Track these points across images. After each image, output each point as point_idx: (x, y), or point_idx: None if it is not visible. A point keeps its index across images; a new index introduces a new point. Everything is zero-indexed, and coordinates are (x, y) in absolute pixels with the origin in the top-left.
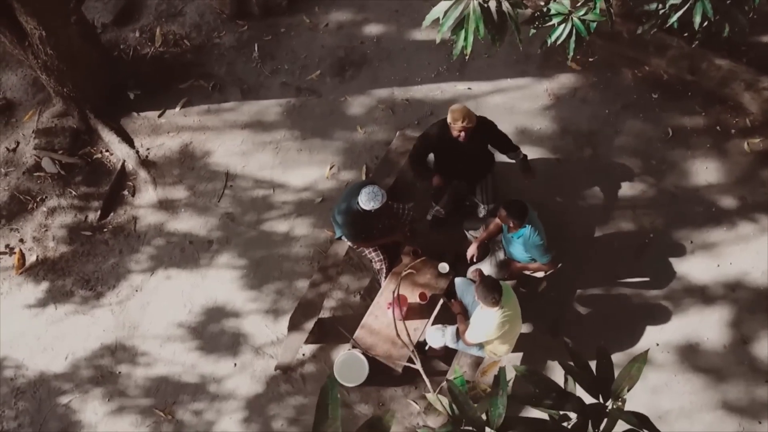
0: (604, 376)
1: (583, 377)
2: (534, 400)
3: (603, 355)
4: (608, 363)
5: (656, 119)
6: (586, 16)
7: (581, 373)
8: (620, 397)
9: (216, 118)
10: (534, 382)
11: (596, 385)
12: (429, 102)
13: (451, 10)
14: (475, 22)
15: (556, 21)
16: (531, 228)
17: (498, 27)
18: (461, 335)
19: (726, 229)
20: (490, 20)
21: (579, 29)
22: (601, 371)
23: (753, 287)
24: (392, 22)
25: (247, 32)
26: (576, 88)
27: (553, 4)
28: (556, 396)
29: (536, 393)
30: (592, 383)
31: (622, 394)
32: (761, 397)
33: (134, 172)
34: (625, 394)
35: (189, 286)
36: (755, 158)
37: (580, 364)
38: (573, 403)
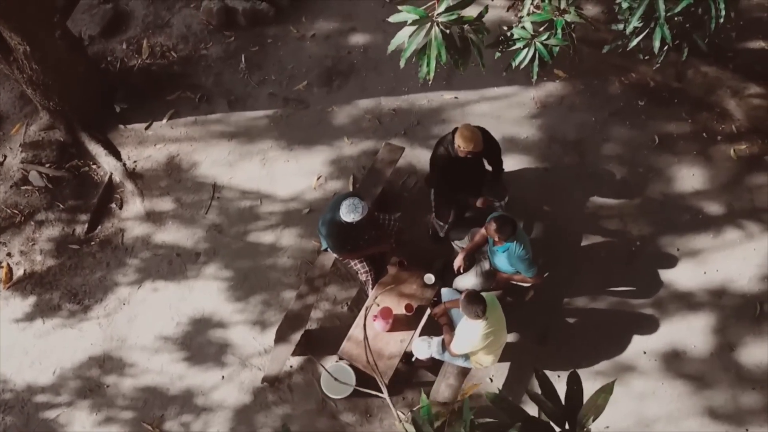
0: (572, 404)
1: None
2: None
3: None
4: (578, 390)
5: (643, 126)
6: (549, 40)
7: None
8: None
9: (203, 129)
10: (503, 409)
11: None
12: (416, 112)
13: (414, 36)
14: (437, 48)
15: (519, 45)
16: (516, 243)
17: (461, 52)
18: (447, 346)
19: (713, 235)
20: (452, 45)
21: (542, 53)
22: (569, 398)
23: (739, 294)
24: (379, 31)
25: (234, 43)
26: (563, 96)
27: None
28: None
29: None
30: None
31: (587, 424)
32: (747, 404)
33: (121, 184)
34: (590, 424)
35: (176, 299)
36: (741, 165)
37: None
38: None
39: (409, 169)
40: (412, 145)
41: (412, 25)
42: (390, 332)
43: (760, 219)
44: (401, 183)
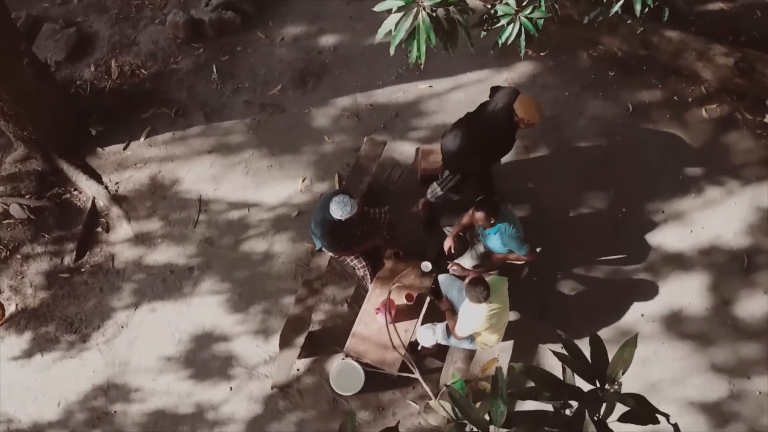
0: (599, 363)
1: (579, 366)
2: (533, 394)
3: (596, 341)
4: (602, 349)
5: (615, 96)
6: (533, 14)
7: (576, 362)
8: (616, 381)
9: (182, 144)
10: (531, 377)
11: (592, 372)
12: (393, 105)
13: (402, 22)
14: (425, 32)
15: (504, 21)
16: (507, 223)
17: (449, 34)
18: (451, 330)
19: (694, 195)
20: (440, 28)
21: (527, 27)
22: (595, 358)
23: (726, 249)
24: (347, 29)
25: (203, 54)
26: (535, 74)
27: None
28: (553, 387)
29: (535, 387)
30: (588, 371)
31: (617, 378)
32: (747, 354)
33: (106, 208)
34: (620, 378)
35: (175, 316)
36: (714, 124)
37: (573, 352)
38: (571, 392)
39: (393, 162)
40: (392, 138)
41: (398, 12)
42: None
43: (737, 174)
44: (386, 176)
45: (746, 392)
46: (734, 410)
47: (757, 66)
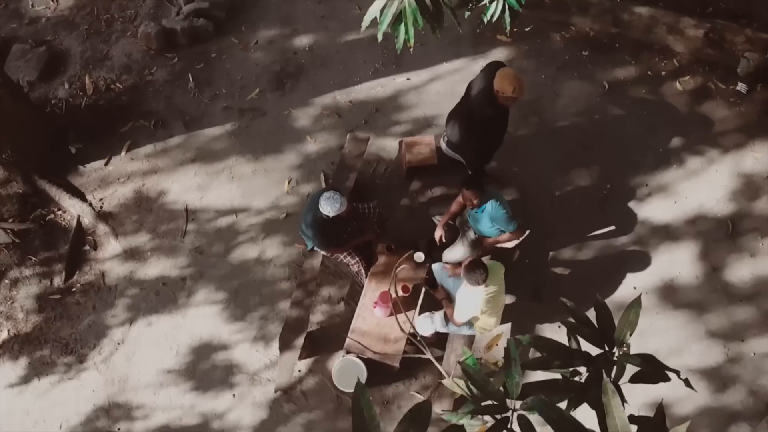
0: (605, 327)
1: (587, 332)
2: (544, 364)
3: (601, 307)
4: (607, 314)
5: (591, 76)
6: None
7: (584, 328)
8: (624, 343)
9: (164, 155)
10: (540, 347)
11: (600, 337)
12: (372, 100)
13: (388, 6)
14: (412, 14)
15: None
16: (493, 201)
17: (435, 16)
18: (449, 317)
19: (676, 167)
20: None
21: (511, 3)
22: (601, 322)
23: (711, 216)
24: (321, 28)
25: (178, 64)
26: (510, 60)
27: None
28: (563, 355)
29: (545, 357)
30: (596, 336)
31: (625, 340)
32: (739, 317)
33: (92, 226)
34: (628, 339)
35: (171, 328)
36: (689, 95)
37: (580, 319)
38: (581, 358)
39: (377, 157)
40: (375, 133)
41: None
42: (392, 316)
43: (715, 143)
44: (372, 171)
45: (742, 355)
46: (732, 373)
47: (726, 36)
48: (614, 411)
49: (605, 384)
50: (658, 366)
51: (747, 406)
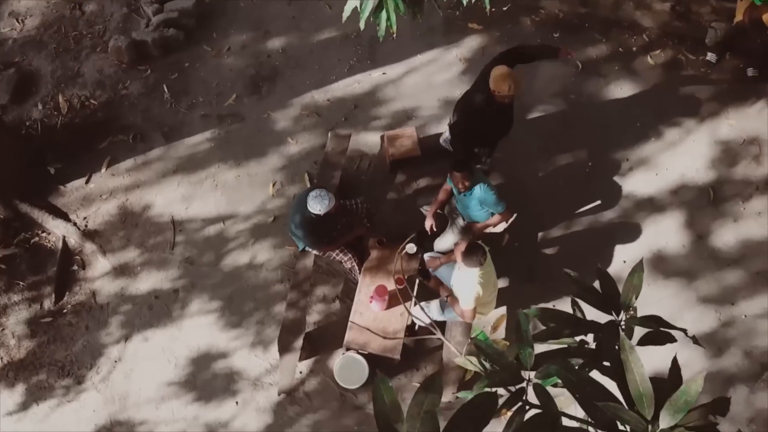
0: (610, 293)
1: (593, 299)
2: (554, 334)
3: (603, 274)
4: (610, 280)
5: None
6: None
7: (590, 295)
8: (631, 306)
9: (145, 168)
10: (548, 319)
11: (606, 303)
12: (350, 97)
13: None
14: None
15: None
16: (481, 183)
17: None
18: (455, 310)
19: (654, 139)
20: None
21: None
22: (605, 289)
23: (692, 185)
24: (292, 29)
25: (152, 75)
26: (483, 47)
27: None
28: (572, 325)
29: (554, 328)
30: (602, 301)
31: (631, 304)
32: (728, 281)
33: (78, 245)
34: (634, 303)
35: (168, 341)
36: (661, 68)
37: (585, 287)
38: (589, 326)
39: (360, 153)
40: (356, 130)
41: None
42: (388, 309)
43: (690, 113)
44: (356, 167)
45: (734, 318)
46: (727, 337)
47: (692, 7)
48: (633, 366)
49: (623, 341)
50: (666, 326)
51: (742, 368)
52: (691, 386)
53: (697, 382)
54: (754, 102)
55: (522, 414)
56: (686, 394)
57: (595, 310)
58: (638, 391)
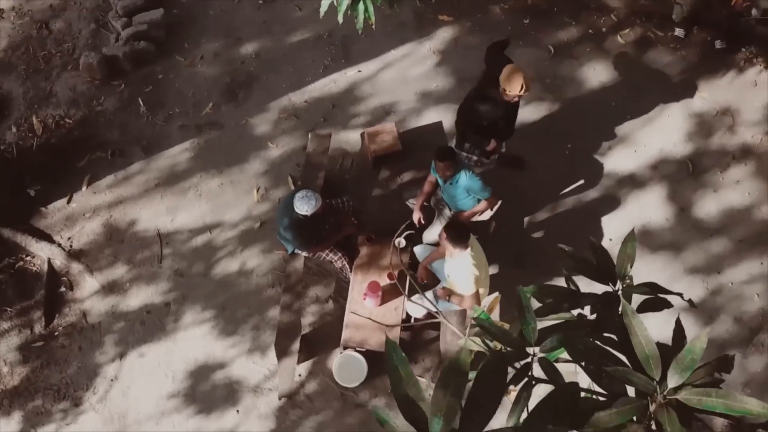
0: (605, 264)
1: (589, 270)
2: (554, 309)
3: (595, 246)
4: (603, 252)
5: (536, 42)
6: None
7: (586, 267)
8: (626, 276)
9: (127, 183)
10: (546, 294)
11: (602, 274)
12: (327, 96)
13: None
14: None
15: None
16: (465, 170)
17: None
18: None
19: (630, 117)
20: None
21: None
22: (600, 261)
23: (671, 159)
24: (264, 33)
25: (126, 90)
26: (456, 38)
27: None
28: (570, 298)
29: (552, 302)
30: (599, 272)
31: (627, 273)
32: (713, 250)
33: (64, 267)
34: (630, 272)
35: (164, 356)
36: (631, 47)
37: (580, 259)
38: (587, 298)
39: (342, 152)
40: (336, 129)
41: None
42: (383, 305)
43: (664, 88)
44: (339, 167)
45: (721, 286)
46: (716, 306)
47: None
48: (637, 330)
49: (624, 306)
50: (663, 291)
51: (733, 334)
52: (696, 344)
53: (701, 339)
54: (725, 73)
55: (529, 389)
56: (692, 352)
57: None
58: (644, 354)
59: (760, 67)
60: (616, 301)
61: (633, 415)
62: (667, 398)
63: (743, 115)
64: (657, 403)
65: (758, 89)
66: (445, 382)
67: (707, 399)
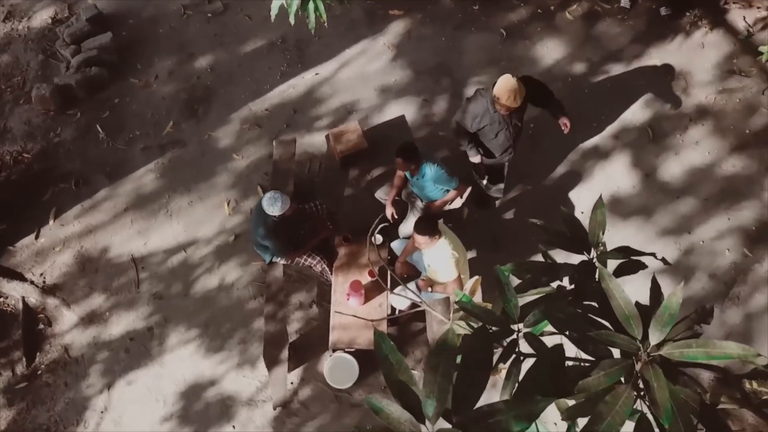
0: (578, 234)
1: (563, 241)
2: (534, 283)
3: (567, 216)
4: (575, 221)
5: (487, 27)
6: None
7: (559, 239)
8: (600, 243)
9: (95, 212)
10: (524, 271)
11: (575, 244)
12: (288, 102)
13: None
14: None
15: None
16: (430, 163)
17: None
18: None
19: (587, 90)
20: None
21: None
22: (573, 231)
23: (631, 127)
24: (217, 46)
25: (83, 118)
26: (408, 31)
27: None
28: (548, 271)
29: (531, 277)
30: (572, 243)
31: (600, 240)
32: (681, 211)
33: (39, 303)
34: (603, 239)
35: (152, 381)
36: (580, 22)
37: (553, 232)
38: (564, 269)
39: (308, 156)
40: (300, 134)
41: None
42: (367, 303)
43: (617, 59)
44: (307, 171)
45: (693, 245)
46: (690, 265)
47: None
48: (616, 293)
49: (601, 271)
50: (635, 254)
51: (709, 290)
52: (672, 300)
53: (677, 294)
54: (673, 39)
55: (518, 365)
56: (669, 308)
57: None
58: (624, 315)
59: (705, 29)
60: (593, 268)
61: (620, 376)
62: (651, 355)
63: (695, 77)
64: (642, 362)
65: (706, 50)
66: (434, 364)
67: (688, 350)
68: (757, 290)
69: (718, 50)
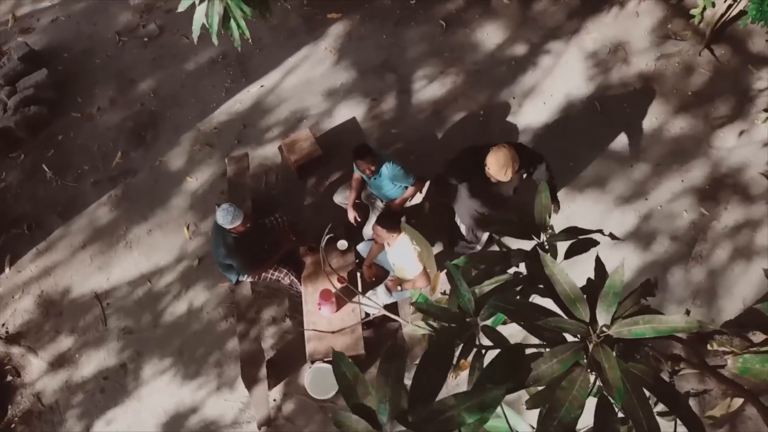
0: (527, 219)
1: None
2: (487, 274)
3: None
4: (524, 209)
5: (426, 19)
6: None
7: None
8: (546, 225)
9: (51, 253)
10: (477, 262)
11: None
12: (236, 118)
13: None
14: (237, 7)
15: None
16: (386, 162)
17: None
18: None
19: (532, 70)
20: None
21: None
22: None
23: (578, 102)
24: (157, 70)
25: (27, 159)
26: (348, 32)
27: None
28: (501, 260)
29: (485, 268)
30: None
31: (547, 224)
32: (635, 178)
33: (4, 354)
34: (549, 222)
35: (132, 417)
36: (516, 4)
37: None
38: (516, 257)
39: (263, 169)
40: (252, 147)
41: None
42: (339, 310)
43: (555, 36)
44: (264, 184)
45: (651, 210)
46: (650, 230)
47: None
48: (559, 277)
49: (543, 258)
50: (584, 232)
51: (672, 252)
52: (615, 277)
53: (618, 272)
54: (608, 10)
55: (480, 358)
56: (612, 287)
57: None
58: (570, 298)
59: None
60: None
61: (574, 360)
62: (601, 336)
63: (633, 46)
64: (593, 343)
65: (641, 19)
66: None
67: (635, 327)
68: (718, 246)
69: (651, 17)
